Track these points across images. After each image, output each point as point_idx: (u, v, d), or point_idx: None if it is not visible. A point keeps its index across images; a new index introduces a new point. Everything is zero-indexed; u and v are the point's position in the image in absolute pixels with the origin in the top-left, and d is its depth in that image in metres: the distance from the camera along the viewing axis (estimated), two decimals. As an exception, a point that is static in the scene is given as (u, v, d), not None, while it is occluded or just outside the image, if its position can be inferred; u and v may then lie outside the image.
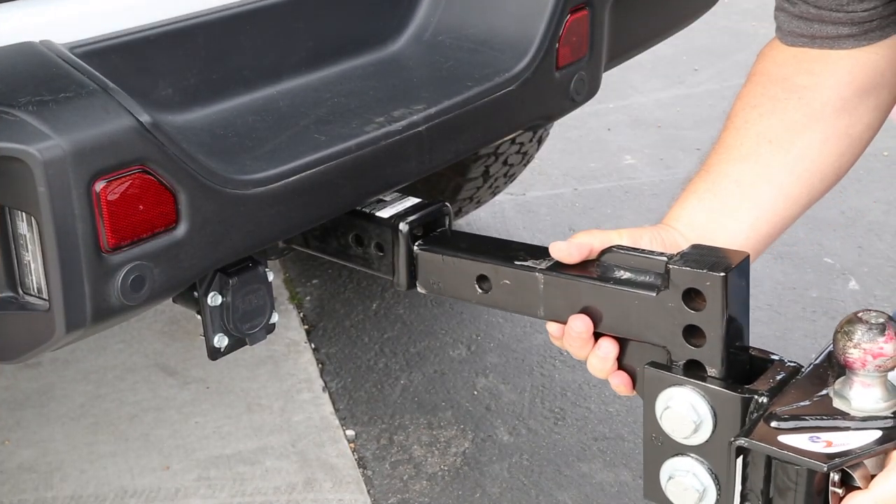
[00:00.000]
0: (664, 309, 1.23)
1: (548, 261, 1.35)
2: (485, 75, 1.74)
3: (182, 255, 1.35)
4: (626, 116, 4.19)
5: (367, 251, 1.55)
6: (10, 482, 2.41)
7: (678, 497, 1.23)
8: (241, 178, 1.40)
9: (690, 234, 1.35)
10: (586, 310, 1.30)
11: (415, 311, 3.03)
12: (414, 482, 2.45)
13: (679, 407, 1.21)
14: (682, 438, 1.21)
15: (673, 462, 1.23)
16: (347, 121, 1.57)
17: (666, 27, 2.29)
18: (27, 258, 1.29)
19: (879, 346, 1.09)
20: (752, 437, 1.13)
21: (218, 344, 1.53)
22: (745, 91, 1.44)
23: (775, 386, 1.19)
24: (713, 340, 1.20)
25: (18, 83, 1.28)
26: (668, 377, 1.22)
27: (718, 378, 1.21)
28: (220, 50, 1.58)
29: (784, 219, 1.42)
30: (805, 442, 1.10)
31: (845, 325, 1.12)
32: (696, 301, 1.21)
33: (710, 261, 1.21)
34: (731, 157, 1.39)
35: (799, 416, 1.13)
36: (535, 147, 2.90)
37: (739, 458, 1.14)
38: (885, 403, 1.12)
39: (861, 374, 1.12)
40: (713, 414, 1.19)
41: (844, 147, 1.42)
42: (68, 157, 1.21)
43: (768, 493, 1.14)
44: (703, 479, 1.20)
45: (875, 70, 1.39)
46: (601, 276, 1.29)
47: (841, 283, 3.13)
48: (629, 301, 1.26)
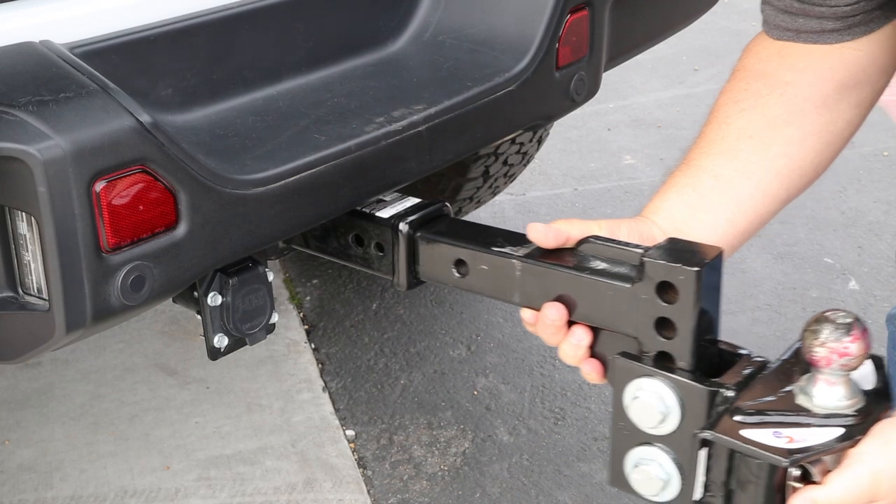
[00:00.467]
0: (637, 300, 1.25)
1: (526, 247, 1.37)
2: (485, 75, 1.73)
3: (182, 255, 1.35)
4: (626, 116, 4.19)
5: (367, 251, 1.55)
6: (10, 482, 2.41)
7: (642, 485, 1.25)
8: (241, 178, 1.40)
9: (668, 226, 1.37)
10: (561, 298, 1.32)
11: (415, 311, 3.03)
12: (414, 482, 2.45)
13: (647, 397, 1.23)
14: (649, 428, 1.23)
15: (639, 450, 1.25)
16: (347, 121, 1.57)
17: (666, 27, 2.29)
18: (27, 258, 1.29)
19: (845, 346, 1.11)
20: (715, 430, 1.15)
21: (218, 344, 1.53)
22: (729, 86, 1.46)
23: (742, 380, 1.21)
24: (684, 333, 1.22)
25: (18, 83, 1.28)
26: (637, 368, 1.24)
27: (687, 370, 1.23)
28: (220, 50, 1.58)
29: (762, 214, 1.43)
30: (767, 437, 1.12)
31: (813, 324, 1.14)
32: (669, 294, 1.23)
33: (684, 255, 1.23)
34: (712, 151, 1.41)
35: (763, 411, 1.16)
36: (535, 147, 2.90)
37: (703, 449, 1.17)
38: (847, 402, 1.14)
39: (826, 372, 1.14)
40: (680, 405, 1.21)
41: (824, 143, 1.43)
42: (68, 157, 1.21)
43: (730, 485, 1.17)
44: (668, 469, 1.23)
45: (857, 67, 1.40)
46: (577, 266, 1.31)
47: (841, 283, 3.13)
48: (603, 291, 1.28)
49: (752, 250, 3.30)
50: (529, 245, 1.37)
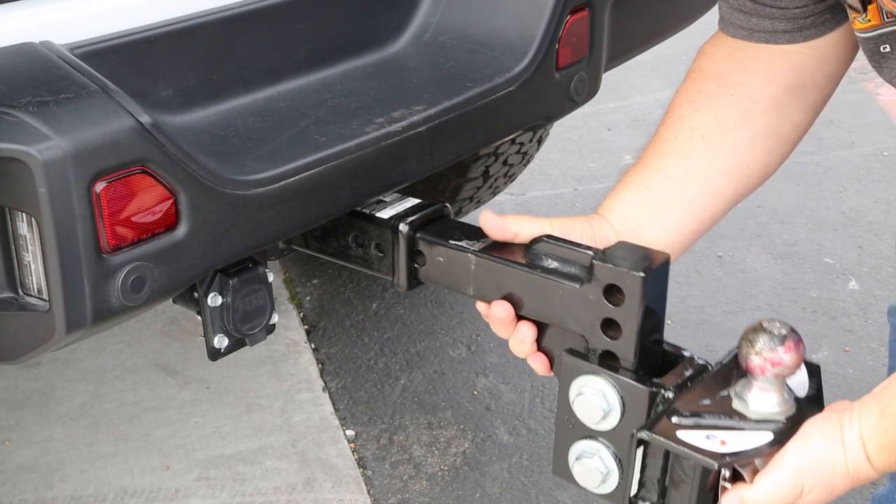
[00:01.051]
0: (585, 301, 1.30)
1: (482, 242, 1.42)
2: (485, 76, 1.73)
3: (182, 256, 1.35)
4: (626, 116, 4.19)
5: (366, 252, 1.55)
6: (10, 482, 2.41)
7: (583, 477, 1.30)
8: (241, 178, 1.40)
9: (621, 226, 1.41)
10: (512, 293, 1.37)
11: (415, 311, 3.03)
12: (414, 482, 2.45)
13: (591, 394, 1.28)
14: (591, 423, 1.28)
15: (581, 444, 1.30)
16: (347, 121, 1.57)
17: (666, 27, 2.29)
18: (27, 259, 1.29)
19: (779, 356, 1.16)
20: (653, 430, 1.20)
21: (218, 344, 1.53)
22: (684, 86, 1.50)
23: (682, 382, 1.26)
24: (628, 335, 1.27)
25: (19, 84, 1.28)
26: (583, 365, 1.29)
27: (630, 370, 1.28)
28: (220, 50, 1.58)
29: (712, 214, 1.47)
30: (701, 439, 1.17)
31: (749, 333, 1.18)
32: (616, 296, 1.27)
33: (632, 259, 1.27)
34: (665, 150, 1.45)
35: (699, 413, 1.21)
36: (535, 147, 2.90)
37: (640, 448, 1.22)
38: (779, 408, 1.20)
39: (760, 379, 1.19)
40: (622, 403, 1.26)
41: (773, 145, 1.46)
42: (68, 157, 1.21)
43: (664, 483, 1.22)
44: (608, 463, 1.27)
45: (805, 71, 1.43)
46: (530, 264, 1.36)
47: (841, 283, 3.13)
48: (553, 290, 1.33)
49: (753, 250, 3.30)
50: (487, 240, 1.42)
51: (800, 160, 3.73)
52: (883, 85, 4.28)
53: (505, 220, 1.39)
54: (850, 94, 4.14)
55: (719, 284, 3.13)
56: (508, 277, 1.37)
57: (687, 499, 1.20)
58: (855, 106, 4.08)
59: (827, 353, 2.81)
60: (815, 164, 3.74)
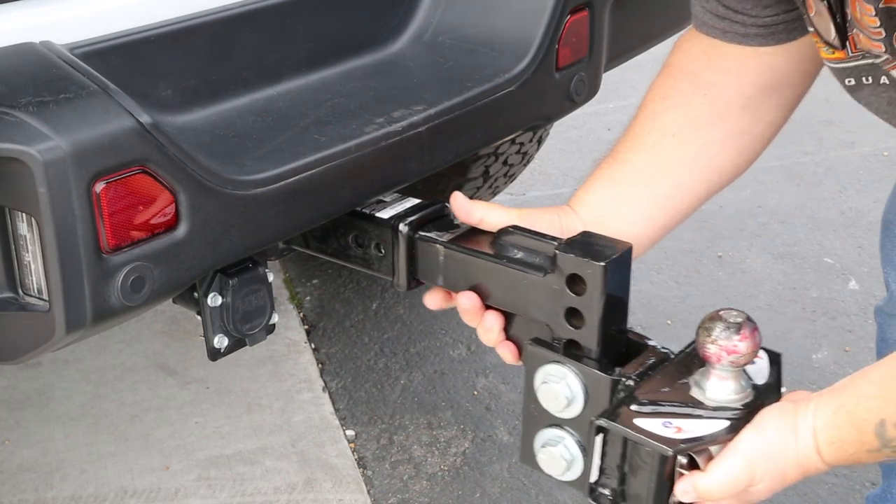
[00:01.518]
0: (549, 290, 1.32)
1: (451, 233, 1.45)
2: (485, 76, 1.74)
3: (182, 256, 1.35)
4: (626, 116, 4.16)
5: (366, 252, 1.55)
6: (10, 482, 2.41)
7: (548, 464, 1.32)
8: (241, 178, 1.40)
9: (589, 218, 1.44)
10: (480, 283, 1.40)
11: (415, 311, 3.03)
12: (414, 482, 2.45)
13: (555, 382, 1.30)
14: (556, 411, 1.30)
15: (547, 432, 1.32)
16: (347, 121, 1.57)
17: (666, 27, 2.29)
18: (27, 259, 1.29)
19: (734, 344, 1.19)
20: (611, 417, 1.23)
21: (218, 345, 1.53)
22: (657, 82, 1.51)
23: (643, 371, 1.29)
24: (591, 324, 1.29)
25: (19, 84, 1.28)
26: (547, 354, 1.32)
27: (593, 359, 1.30)
28: (220, 50, 1.58)
29: (680, 211, 1.48)
30: (658, 426, 1.20)
31: (706, 322, 1.22)
32: (579, 286, 1.29)
33: (594, 249, 1.29)
34: (637, 146, 1.47)
35: (658, 401, 1.24)
36: (535, 147, 2.90)
37: (599, 435, 1.24)
38: (736, 396, 1.23)
39: (717, 367, 1.22)
40: (585, 392, 1.28)
41: (745, 144, 1.47)
42: (68, 157, 1.21)
43: (623, 469, 1.24)
44: (572, 451, 1.30)
45: (779, 71, 1.43)
46: (496, 254, 1.39)
47: (841, 283, 3.13)
48: (518, 280, 1.35)
49: (752, 250, 3.30)
50: (457, 231, 1.45)
51: (800, 160, 3.73)
52: (883, 85, 4.28)
53: (472, 204, 1.41)
54: (850, 94, 4.13)
55: (719, 284, 3.13)
56: (476, 268, 1.40)
57: (645, 485, 1.22)
58: (855, 106, 4.05)
59: (827, 353, 2.81)
60: (815, 164, 3.74)
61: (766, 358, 1.29)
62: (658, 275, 3.18)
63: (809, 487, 2.35)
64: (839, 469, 2.37)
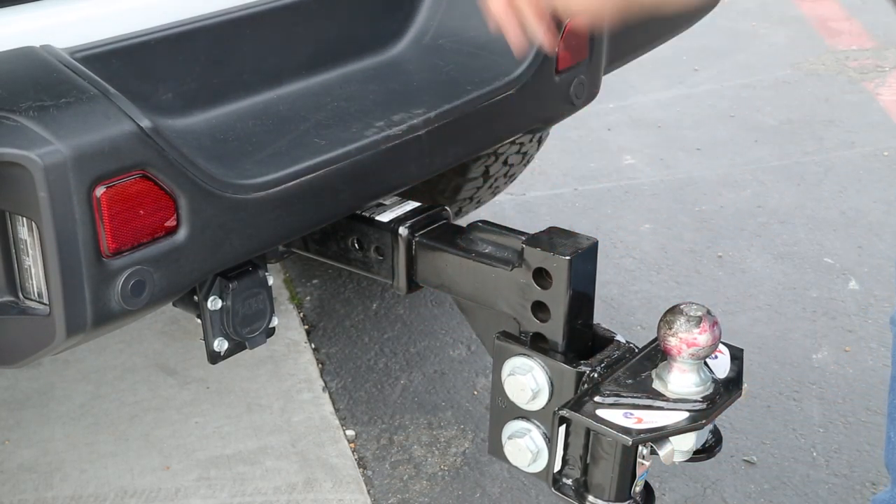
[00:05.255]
0: (517, 284, 1.35)
1: (424, 229, 1.49)
2: (485, 79, 1.74)
3: (182, 260, 1.35)
4: (626, 116, 4.19)
5: (366, 255, 1.56)
6: (10, 482, 2.41)
7: (514, 456, 1.36)
8: (241, 182, 1.40)
9: None
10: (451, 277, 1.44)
11: (415, 311, 3.03)
12: (414, 482, 2.45)
13: (521, 375, 1.33)
14: (522, 403, 1.34)
15: (513, 424, 1.36)
16: (347, 125, 1.58)
17: (665, 31, 2.29)
18: (28, 263, 1.29)
19: (694, 337, 1.22)
20: (573, 408, 1.26)
21: (218, 348, 1.53)
22: None
23: (608, 364, 1.32)
24: (557, 317, 1.32)
25: (19, 88, 1.28)
26: (513, 347, 1.36)
27: (559, 352, 1.33)
28: (220, 54, 1.58)
29: None
30: (619, 417, 1.23)
31: (667, 315, 1.25)
32: (545, 280, 1.32)
33: (560, 244, 1.32)
34: None
35: (620, 393, 1.27)
36: (536, 147, 2.90)
37: (562, 426, 1.28)
38: (696, 388, 1.26)
39: (678, 360, 1.25)
40: (550, 384, 1.32)
41: None
42: (69, 162, 1.21)
43: (586, 459, 1.28)
44: (538, 443, 1.33)
45: None
46: (465, 248, 1.43)
47: (841, 283, 3.13)
48: (487, 273, 1.39)
49: (752, 250, 3.30)
50: (429, 226, 1.48)
51: (800, 160, 3.73)
52: (883, 85, 4.28)
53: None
54: (850, 94, 4.14)
55: (719, 284, 3.13)
56: (446, 262, 1.43)
57: (608, 475, 1.25)
58: (855, 106, 4.08)
59: (827, 353, 2.81)
60: (815, 164, 3.74)
61: (728, 353, 1.32)
62: (658, 275, 3.18)
63: (809, 487, 2.35)
64: (839, 469, 2.37)
